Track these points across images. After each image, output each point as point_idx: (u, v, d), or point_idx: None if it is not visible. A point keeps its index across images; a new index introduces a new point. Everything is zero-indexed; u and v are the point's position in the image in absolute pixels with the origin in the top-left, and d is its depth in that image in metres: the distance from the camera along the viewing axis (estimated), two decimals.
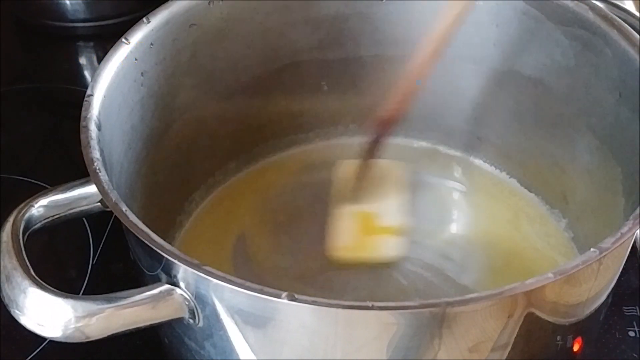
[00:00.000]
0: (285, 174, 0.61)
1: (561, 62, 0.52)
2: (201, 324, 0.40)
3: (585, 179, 0.53)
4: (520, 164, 0.59)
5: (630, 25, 0.49)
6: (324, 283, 0.53)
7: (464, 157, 0.61)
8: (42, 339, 0.50)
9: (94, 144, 0.43)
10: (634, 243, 0.53)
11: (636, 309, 0.55)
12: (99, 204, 0.44)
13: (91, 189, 0.43)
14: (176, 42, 0.52)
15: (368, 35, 0.58)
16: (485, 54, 0.56)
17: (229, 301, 0.38)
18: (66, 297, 0.39)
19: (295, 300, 0.35)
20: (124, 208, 0.40)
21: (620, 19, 0.49)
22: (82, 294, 0.45)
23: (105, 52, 0.48)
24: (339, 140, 0.63)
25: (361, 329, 0.37)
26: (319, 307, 0.35)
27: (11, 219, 0.42)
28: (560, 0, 0.51)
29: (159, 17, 0.50)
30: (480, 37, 0.54)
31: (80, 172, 0.43)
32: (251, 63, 0.57)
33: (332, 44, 0.58)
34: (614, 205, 0.49)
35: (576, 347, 0.45)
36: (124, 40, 0.49)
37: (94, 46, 0.80)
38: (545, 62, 0.54)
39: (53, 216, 0.44)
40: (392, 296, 0.52)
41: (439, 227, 0.57)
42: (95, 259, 0.58)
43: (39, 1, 0.79)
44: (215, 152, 0.59)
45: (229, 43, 0.55)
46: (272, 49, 0.57)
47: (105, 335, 0.39)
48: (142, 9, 0.53)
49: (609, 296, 0.45)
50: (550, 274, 0.36)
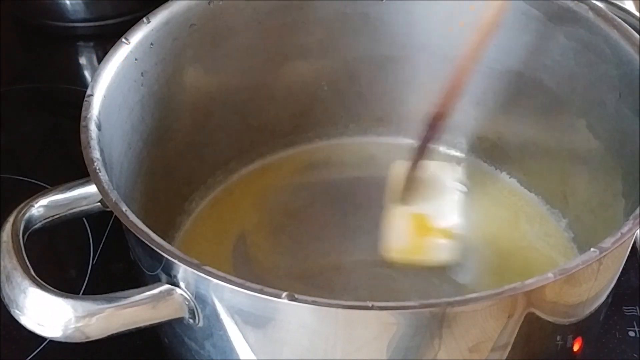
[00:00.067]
0: (285, 174, 0.61)
1: (561, 62, 0.52)
2: (201, 324, 0.40)
3: (586, 179, 0.53)
4: (520, 163, 0.59)
5: (630, 25, 0.49)
6: (324, 283, 0.53)
7: (464, 157, 0.61)
8: (42, 339, 0.50)
9: (94, 144, 0.43)
10: (634, 243, 0.53)
11: (636, 309, 0.55)
12: (99, 204, 0.44)
13: (91, 189, 0.43)
14: (176, 42, 0.52)
15: (368, 35, 0.58)
16: (485, 54, 0.56)
17: (229, 301, 0.38)
18: (66, 297, 0.39)
19: (295, 300, 0.35)
20: (124, 208, 0.40)
21: (620, 19, 0.49)
22: (82, 294, 0.45)
23: (105, 52, 0.48)
24: (339, 140, 0.63)
25: (361, 329, 0.37)
26: (319, 307, 0.35)
27: (11, 219, 0.42)
28: (560, 0, 0.51)
29: (159, 17, 0.50)
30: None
31: (80, 172, 0.43)
32: (251, 63, 0.57)
33: (332, 44, 0.58)
34: (614, 205, 0.49)
35: (576, 347, 0.45)
36: (124, 40, 0.49)
37: (94, 46, 0.80)
38: (545, 62, 0.54)
39: (53, 216, 0.44)
40: (392, 296, 0.52)
41: None
42: (95, 259, 0.58)
43: (39, 1, 0.79)
44: (215, 152, 0.59)
45: (229, 43, 0.55)
46: (272, 49, 0.57)
47: (105, 335, 0.39)
48: (142, 9, 0.53)
49: (609, 296, 0.45)
50: (550, 274, 0.36)
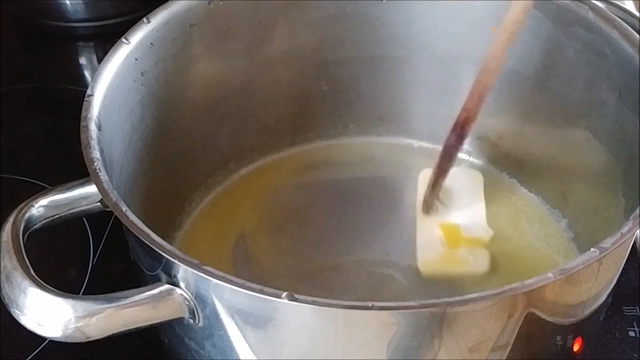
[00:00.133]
0: (285, 174, 0.61)
1: (561, 62, 0.52)
2: (201, 324, 0.40)
3: (585, 178, 0.53)
4: (521, 164, 0.59)
5: (630, 25, 0.48)
6: (324, 283, 0.53)
7: (464, 157, 0.61)
8: (42, 339, 0.50)
9: (94, 144, 0.43)
10: (634, 243, 0.53)
11: (636, 309, 0.55)
12: (99, 204, 0.44)
13: (91, 189, 0.43)
14: (176, 42, 0.52)
15: (368, 35, 0.58)
16: (485, 53, 0.56)
17: (229, 301, 0.38)
18: (66, 297, 0.39)
19: (295, 300, 0.35)
20: (124, 208, 0.40)
21: (620, 19, 0.49)
22: (82, 294, 0.45)
23: (105, 52, 0.48)
24: (339, 140, 0.63)
25: (361, 329, 0.37)
26: (319, 307, 0.35)
27: (11, 219, 0.42)
28: (560, 0, 0.51)
29: (159, 17, 0.50)
30: (480, 37, 0.54)
31: (80, 172, 0.43)
32: (251, 63, 0.57)
33: (332, 44, 0.58)
34: (614, 205, 0.49)
35: (576, 347, 0.45)
36: (124, 40, 0.49)
37: (94, 46, 0.80)
38: (545, 62, 0.54)
39: (53, 216, 0.44)
40: (392, 296, 0.52)
41: None
42: (95, 259, 0.58)
43: (39, 1, 0.79)
44: (215, 152, 0.59)
45: (229, 43, 0.55)
46: (272, 49, 0.57)
47: (105, 335, 0.39)
48: (142, 9, 0.53)
49: (609, 296, 0.45)
50: (550, 274, 0.36)
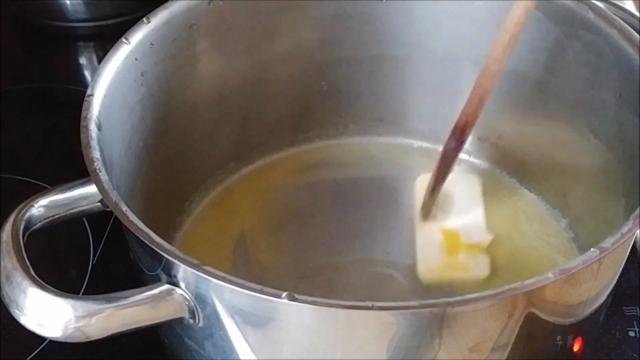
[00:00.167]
0: (285, 174, 0.61)
1: (561, 62, 0.52)
2: (201, 324, 0.40)
3: (585, 179, 0.53)
4: (520, 164, 0.59)
5: (630, 25, 0.48)
6: (324, 283, 0.53)
7: (465, 157, 0.61)
8: (42, 339, 0.50)
9: (94, 144, 0.43)
10: (634, 243, 0.53)
11: (636, 309, 0.54)
12: (99, 204, 0.44)
13: (91, 189, 0.43)
14: (176, 42, 0.52)
15: (368, 35, 0.58)
16: (485, 54, 0.56)
17: (229, 301, 0.38)
18: (66, 297, 0.39)
19: (295, 300, 0.35)
20: (124, 208, 0.40)
21: (620, 19, 0.49)
22: (82, 294, 0.45)
23: (105, 52, 0.48)
24: (339, 140, 0.63)
25: (361, 329, 0.37)
26: (319, 307, 0.35)
27: (11, 219, 0.42)
28: (560, 0, 0.51)
29: (159, 17, 0.50)
30: (480, 37, 0.54)
31: (80, 172, 0.43)
32: (251, 63, 0.57)
33: (332, 44, 0.58)
34: (614, 205, 0.49)
35: (576, 347, 0.45)
36: (124, 40, 0.49)
37: (94, 46, 0.80)
38: (545, 62, 0.54)
39: (53, 216, 0.44)
40: (392, 296, 0.52)
41: None
42: (95, 259, 0.58)
43: (39, 1, 0.79)
44: (215, 152, 0.58)
45: (229, 43, 0.55)
46: (272, 49, 0.57)
47: (105, 335, 0.39)
48: (142, 9, 0.53)
49: (609, 296, 0.45)
50: (550, 274, 0.36)
